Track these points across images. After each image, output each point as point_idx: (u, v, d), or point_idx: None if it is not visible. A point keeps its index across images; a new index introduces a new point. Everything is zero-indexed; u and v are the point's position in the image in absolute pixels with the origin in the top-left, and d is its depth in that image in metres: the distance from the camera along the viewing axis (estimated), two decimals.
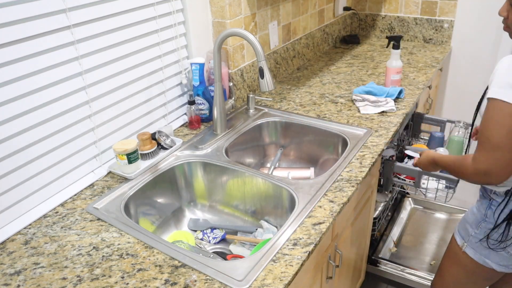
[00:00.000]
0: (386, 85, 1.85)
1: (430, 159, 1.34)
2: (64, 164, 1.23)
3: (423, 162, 1.38)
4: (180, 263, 0.98)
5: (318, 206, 1.14)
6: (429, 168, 1.37)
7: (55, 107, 1.17)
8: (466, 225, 1.28)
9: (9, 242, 1.07)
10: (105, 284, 0.93)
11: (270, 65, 1.96)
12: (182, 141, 1.46)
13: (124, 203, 1.20)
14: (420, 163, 1.40)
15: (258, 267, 0.95)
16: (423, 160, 1.38)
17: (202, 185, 1.43)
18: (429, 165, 1.35)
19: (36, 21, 1.08)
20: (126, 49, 1.33)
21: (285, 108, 1.73)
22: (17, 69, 1.06)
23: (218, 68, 1.44)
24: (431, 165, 1.34)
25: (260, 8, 1.78)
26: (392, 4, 2.56)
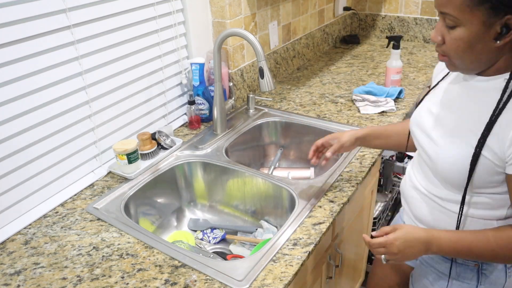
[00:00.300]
0: (386, 85, 1.85)
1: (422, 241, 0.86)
2: (64, 164, 1.23)
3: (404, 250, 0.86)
4: (180, 263, 0.98)
5: (318, 206, 1.14)
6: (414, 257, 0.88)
7: (55, 107, 1.17)
8: None
9: (9, 242, 1.07)
10: (105, 284, 0.93)
11: (270, 65, 1.96)
12: (182, 141, 1.46)
13: (124, 203, 1.20)
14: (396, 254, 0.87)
15: (258, 267, 0.95)
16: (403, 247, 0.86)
17: (202, 185, 1.43)
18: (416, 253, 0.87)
19: (36, 21, 1.08)
20: (126, 49, 1.33)
21: (285, 108, 1.73)
22: (17, 69, 1.06)
23: (218, 68, 1.44)
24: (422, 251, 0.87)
25: (260, 8, 1.78)
26: (392, 4, 2.56)
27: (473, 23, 0.74)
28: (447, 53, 0.81)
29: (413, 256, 0.88)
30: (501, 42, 0.74)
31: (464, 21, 0.74)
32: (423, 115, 0.96)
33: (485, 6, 0.71)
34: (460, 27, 0.75)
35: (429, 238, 0.85)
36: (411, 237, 0.86)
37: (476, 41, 0.75)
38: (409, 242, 0.86)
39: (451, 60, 0.81)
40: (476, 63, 0.79)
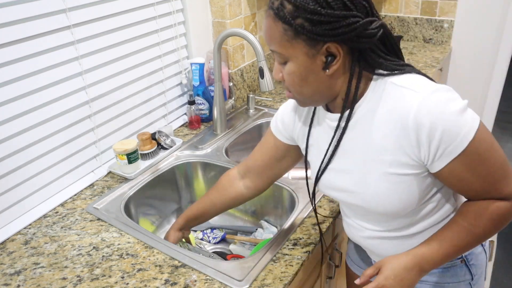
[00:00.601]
0: None
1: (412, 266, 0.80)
2: (64, 164, 1.23)
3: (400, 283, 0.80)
4: (180, 263, 0.98)
5: (318, 206, 1.14)
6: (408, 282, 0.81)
7: (55, 107, 1.17)
8: None
9: (9, 242, 1.07)
10: (105, 284, 0.93)
11: (270, 65, 1.96)
12: (182, 141, 1.46)
13: (124, 203, 1.20)
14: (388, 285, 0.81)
15: (258, 267, 0.95)
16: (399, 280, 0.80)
17: (202, 185, 1.43)
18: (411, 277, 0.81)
19: (36, 21, 1.08)
20: (126, 49, 1.33)
21: None
22: (17, 69, 1.06)
23: (218, 68, 1.44)
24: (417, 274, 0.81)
25: (260, 8, 1.78)
26: (392, 4, 2.56)
27: (298, 57, 0.74)
28: (289, 89, 0.81)
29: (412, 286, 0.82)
30: (330, 71, 0.74)
31: (289, 56, 0.75)
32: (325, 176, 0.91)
33: (302, 38, 0.72)
34: (289, 62, 0.76)
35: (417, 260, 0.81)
36: (399, 269, 0.81)
37: (307, 73, 0.75)
38: (400, 275, 0.80)
39: (294, 95, 0.81)
40: (317, 94, 0.79)
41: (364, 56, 0.76)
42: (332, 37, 0.71)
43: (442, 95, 0.73)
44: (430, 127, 0.71)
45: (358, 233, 0.96)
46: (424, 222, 0.88)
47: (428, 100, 0.72)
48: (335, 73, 0.76)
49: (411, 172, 0.78)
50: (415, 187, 0.80)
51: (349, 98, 0.79)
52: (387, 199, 0.82)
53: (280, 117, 0.99)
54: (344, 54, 0.74)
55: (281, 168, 1.04)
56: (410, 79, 0.76)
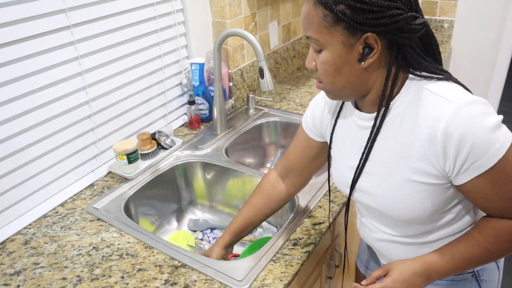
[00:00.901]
0: None
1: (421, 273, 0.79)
2: (64, 164, 1.23)
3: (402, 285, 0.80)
4: (180, 263, 0.98)
5: (318, 206, 1.14)
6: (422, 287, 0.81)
7: (55, 107, 1.17)
8: None
9: (9, 242, 1.07)
10: (105, 284, 0.93)
11: (270, 65, 1.96)
12: (182, 141, 1.46)
13: (124, 203, 1.20)
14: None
15: (258, 267, 0.95)
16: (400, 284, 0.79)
17: (202, 185, 1.43)
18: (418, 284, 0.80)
19: (36, 21, 1.08)
20: (126, 49, 1.33)
21: (285, 108, 1.73)
22: (17, 69, 1.06)
23: (218, 68, 1.44)
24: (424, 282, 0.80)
25: (260, 8, 1.78)
26: None
27: (334, 45, 0.71)
28: (321, 79, 0.78)
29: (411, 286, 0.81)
30: (365, 64, 0.72)
31: (326, 43, 0.72)
32: (345, 172, 0.90)
33: (341, 25, 0.69)
34: (324, 50, 0.73)
35: (426, 267, 0.79)
36: (408, 274, 0.79)
37: (342, 63, 0.73)
38: (408, 280, 0.79)
39: (325, 86, 0.78)
40: (349, 87, 0.76)
41: (403, 53, 0.73)
42: (372, 27, 0.68)
43: (476, 108, 0.70)
44: (459, 139, 0.69)
45: (371, 233, 0.95)
46: (439, 232, 0.85)
47: (461, 112, 0.69)
48: (371, 67, 0.73)
49: (433, 182, 0.75)
50: (435, 197, 0.78)
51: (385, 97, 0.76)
52: (405, 206, 0.80)
53: (310, 113, 0.96)
54: (383, 48, 0.71)
55: (317, 164, 1.03)
56: (446, 87, 0.73)
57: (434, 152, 0.72)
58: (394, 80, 0.74)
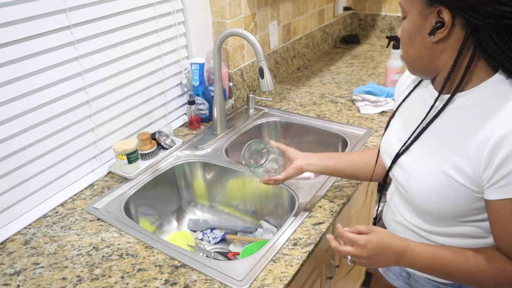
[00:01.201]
0: (386, 85, 1.85)
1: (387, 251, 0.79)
2: (64, 164, 1.23)
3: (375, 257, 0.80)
4: (180, 263, 0.98)
5: (318, 206, 1.14)
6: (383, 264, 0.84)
7: (55, 107, 1.17)
8: None
9: (9, 242, 1.07)
10: (105, 284, 0.93)
11: (270, 65, 1.96)
12: (182, 141, 1.46)
13: (124, 203, 1.20)
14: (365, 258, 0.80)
15: (258, 267, 0.95)
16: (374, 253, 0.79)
17: (202, 185, 1.43)
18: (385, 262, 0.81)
19: (36, 21, 1.07)
20: (126, 49, 1.33)
21: (285, 108, 1.73)
22: (17, 69, 1.06)
23: (218, 68, 1.44)
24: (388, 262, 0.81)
25: (260, 8, 1.78)
26: (392, 4, 2.56)
27: (413, 13, 0.72)
28: (401, 48, 0.80)
29: (381, 264, 0.83)
30: (435, 38, 0.71)
31: (407, 10, 0.74)
32: (392, 142, 0.89)
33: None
34: (406, 18, 0.75)
35: (404, 248, 0.79)
36: (385, 243, 0.79)
37: (415, 33, 0.74)
38: (381, 248, 0.79)
39: (403, 55, 0.80)
40: (420, 60, 0.76)
41: (483, 41, 0.67)
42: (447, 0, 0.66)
43: None
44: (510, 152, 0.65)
45: (392, 215, 0.95)
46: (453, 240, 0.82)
47: None
48: (441, 44, 0.71)
49: (466, 185, 0.73)
50: (462, 201, 0.75)
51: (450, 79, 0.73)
52: (429, 197, 0.78)
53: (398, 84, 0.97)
54: (457, 28, 0.68)
55: None
56: None
57: (480, 156, 0.69)
58: (468, 65, 0.70)
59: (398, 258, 0.79)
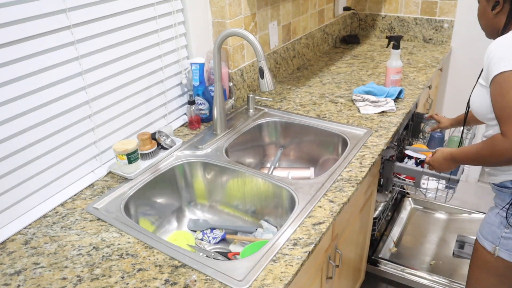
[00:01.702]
0: (386, 85, 1.85)
1: (447, 155, 1.31)
2: (64, 164, 1.23)
3: (438, 160, 1.34)
4: (180, 263, 0.98)
5: (318, 206, 1.14)
6: (444, 166, 1.33)
7: (55, 107, 1.17)
8: (492, 228, 1.23)
9: (9, 242, 1.07)
10: (105, 284, 0.93)
11: (270, 65, 1.96)
12: (182, 141, 1.46)
13: (124, 203, 1.20)
14: (434, 161, 1.36)
15: (258, 267, 0.95)
16: (438, 158, 1.34)
17: (202, 185, 1.43)
18: (445, 162, 1.32)
19: (36, 21, 1.08)
20: (126, 49, 1.33)
21: (285, 108, 1.73)
22: (17, 69, 1.06)
23: (218, 68, 1.44)
24: (448, 161, 1.31)
25: (260, 8, 1.78)
26: (392, 4, 2.56)
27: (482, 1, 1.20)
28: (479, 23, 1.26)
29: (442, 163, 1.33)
30: (494, 11, 1.15)
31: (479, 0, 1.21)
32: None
33: None
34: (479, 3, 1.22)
35: (452, 154, 1.29)
36: (440, 154, 1.34)
37: (484, 10, 1.20)
38: (438, 155, 1.35)
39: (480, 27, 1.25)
40: (487, 28, 1.22)
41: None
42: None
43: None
44: (489, 51, 1.08)
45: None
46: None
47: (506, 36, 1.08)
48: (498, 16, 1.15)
49: (484, 84, 1.14)
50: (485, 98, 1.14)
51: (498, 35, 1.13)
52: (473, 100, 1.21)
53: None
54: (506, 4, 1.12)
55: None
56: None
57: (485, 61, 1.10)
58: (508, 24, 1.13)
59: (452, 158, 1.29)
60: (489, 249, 1.24)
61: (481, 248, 1.27)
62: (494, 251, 1.23)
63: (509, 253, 1.20)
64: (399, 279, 1.89)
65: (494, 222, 1.23)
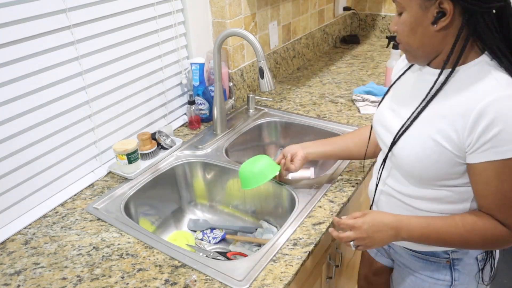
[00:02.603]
0: (386, 85, 1.85)
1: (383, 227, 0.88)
2: (64, 164, 1.23)
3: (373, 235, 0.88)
4: (180, 263, 0.98)
5: (318, 206, 1.14)
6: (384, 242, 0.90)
7: (55, 107, 1.17)
8: None
9: (9, 242, 1.07)
10: (105, 284, 0.93)
11: (270, 65, 1.96)
12: (182, 141, 1.46)
13: (124, 203, 1.20)
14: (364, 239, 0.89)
15: (258, 267, 0.95)
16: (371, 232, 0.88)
17: (202, 185, 1.43)
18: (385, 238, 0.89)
19: (36, 21, 1.08)
20: (126, 49, 1.33)
21: (285, 108, 1.73)
22: (17, 69, 1.06)
23: (218, 68, 1.44)
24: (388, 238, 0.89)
25: (260, 8, 1.78)
26: (392, 4, 2.56)
27: (412, 7, 0.78)
28: (400, 40, 0.85)
29: (382, 242, 0.89)
30: (438, 26, 0.78)
31: (406, 6, 0.79)
32: (384, 112, 0.97)
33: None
34: (404, 12, 0.81)
35: (398, 223, 0.88)
36: (379, 221, 0.88)
37: (417, 25, 0.80)
38: (377, 226, 0.88)
39: (403, 46, 0.86)
40: (422, 48, 0.83)
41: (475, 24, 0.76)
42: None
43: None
44: (492, 120, 0.74)
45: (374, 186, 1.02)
46: (435, 205, 0.89)
47: (507, 100, 0.74)
48: (442, 30, 0.78)
49: (449, 149, 0.80)
50: (444, 164, 0.82)
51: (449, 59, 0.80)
52: (415, 159, 0.85)
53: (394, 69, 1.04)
54: (455, 14, 0.76)
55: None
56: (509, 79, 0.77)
57: (464, 123, 0.77)
58: (463, 48, 0.79)
59: (395, 232, 0.88)
60: None
61: None
62: None
63: None
64: None
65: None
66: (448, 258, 0.96)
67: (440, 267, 0.98)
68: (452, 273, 0.97)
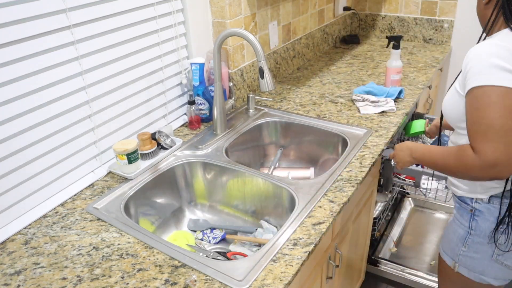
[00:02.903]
0: (386, 85, 1.85)
1: (405, 148, 1.24)
2: (64, 164, 1.23)
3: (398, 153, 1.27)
4: (180, 263, 0.98)
5: (318, 206, 1.14)
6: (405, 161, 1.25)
7: (55, 107, 1.17)
8: (451, 244, 1.19)
9: (9, 242, 1.07)
10: (105, 284, 0.93)
11: (270, 65, 1.96)
12: (182, 141, 1.46)
13: (124, 203, 1.20)
14: (395, 156, 1.29)
15: (258, 267, 0.95)
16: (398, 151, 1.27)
17: (202, 185, 1.43)
18: (405, 157, 1.24)
19: (36, 21, 1.08)
20: (126, 49, 1.33)
21: (285, 108, 1.73)
22: (17, 69, 1.06)
23: (218, 68, 1.44)
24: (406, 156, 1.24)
25: (260, 8, 1.78)
26: (392, 4, 2.56)
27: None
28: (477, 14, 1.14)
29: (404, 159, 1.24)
30: (485, 1, 1.06)
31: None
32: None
33: None
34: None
35: (413, 146, 1.21)
36: (404, 145, 1.25)
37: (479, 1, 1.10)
38: (401, 147, 1.26)
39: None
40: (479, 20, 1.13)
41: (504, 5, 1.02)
42: None
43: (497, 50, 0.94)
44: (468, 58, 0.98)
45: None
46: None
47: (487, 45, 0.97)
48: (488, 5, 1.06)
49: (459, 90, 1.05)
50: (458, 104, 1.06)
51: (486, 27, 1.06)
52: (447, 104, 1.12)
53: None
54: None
55: None
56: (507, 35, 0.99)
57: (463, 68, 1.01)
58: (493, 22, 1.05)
59: (410, 152, 1.22)
60: (449, 264, 1.22)
61: (442, 261, 1.25)
62: (454, 266, 1.20)
63: (468, 270, 1.17)
64: (399, 279, 1.89)
65: (452, 239, 1.19)
66: (472, 207, 1.13)
67: (465, 213, 1.16)
68: (470, 222, 1.14)
